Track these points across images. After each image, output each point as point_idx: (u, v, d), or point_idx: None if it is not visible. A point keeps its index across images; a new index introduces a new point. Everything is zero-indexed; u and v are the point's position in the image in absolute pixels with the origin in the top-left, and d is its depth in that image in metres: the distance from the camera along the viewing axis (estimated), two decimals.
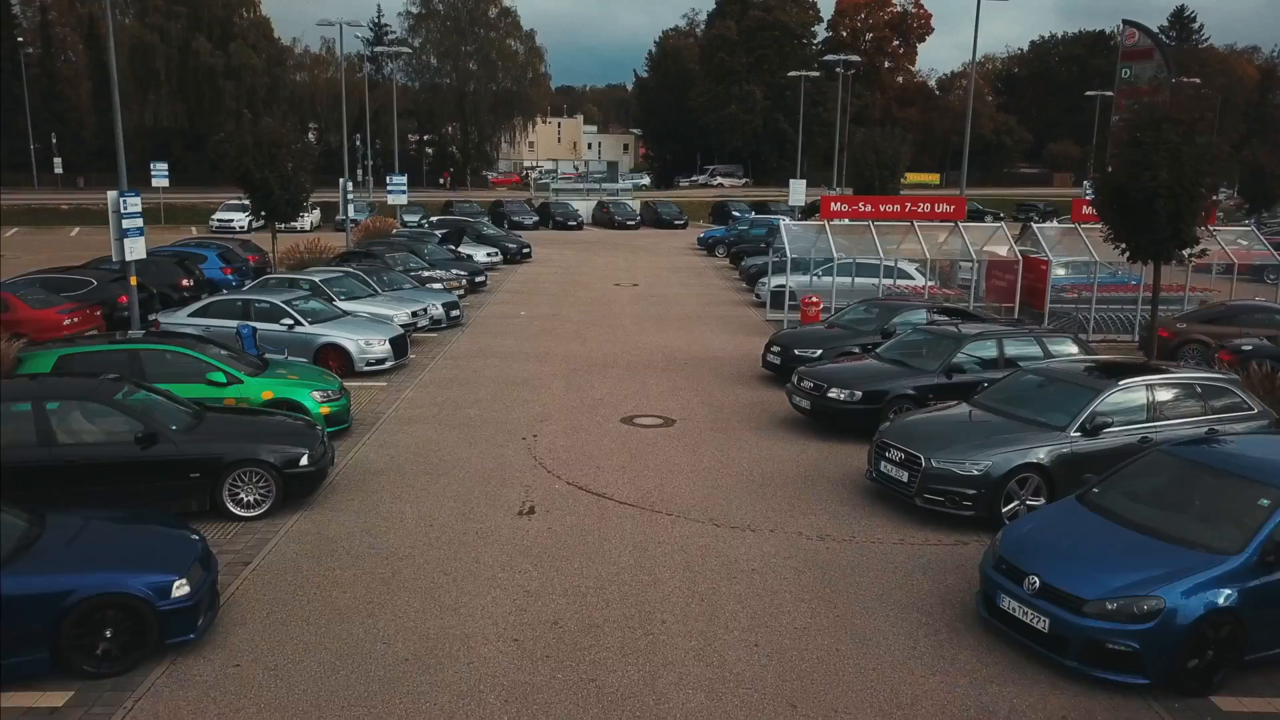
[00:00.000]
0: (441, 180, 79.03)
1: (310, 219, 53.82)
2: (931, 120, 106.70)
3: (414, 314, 21.50)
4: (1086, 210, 24.26)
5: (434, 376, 18.52)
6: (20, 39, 69.80)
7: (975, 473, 10.72)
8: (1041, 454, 10.91)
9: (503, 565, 9.74)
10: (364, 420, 15.20)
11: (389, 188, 43.23)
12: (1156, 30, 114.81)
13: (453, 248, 34.07)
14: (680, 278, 35.49)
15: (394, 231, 38.12)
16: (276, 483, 10.93)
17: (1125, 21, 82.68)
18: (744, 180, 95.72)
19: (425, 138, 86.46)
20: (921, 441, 11.31)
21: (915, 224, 23.78)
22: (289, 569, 9.64)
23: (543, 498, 11.69)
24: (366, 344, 18.23)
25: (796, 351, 17.66)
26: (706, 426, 15.03)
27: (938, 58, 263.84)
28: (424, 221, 47.44)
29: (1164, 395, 11.64)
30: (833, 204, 23.68)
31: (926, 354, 15.14)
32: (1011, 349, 14.98)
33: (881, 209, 23.77)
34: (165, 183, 54.63)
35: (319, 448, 11.47)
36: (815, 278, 26.52)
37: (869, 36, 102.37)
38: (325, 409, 13.85)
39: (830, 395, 14.35)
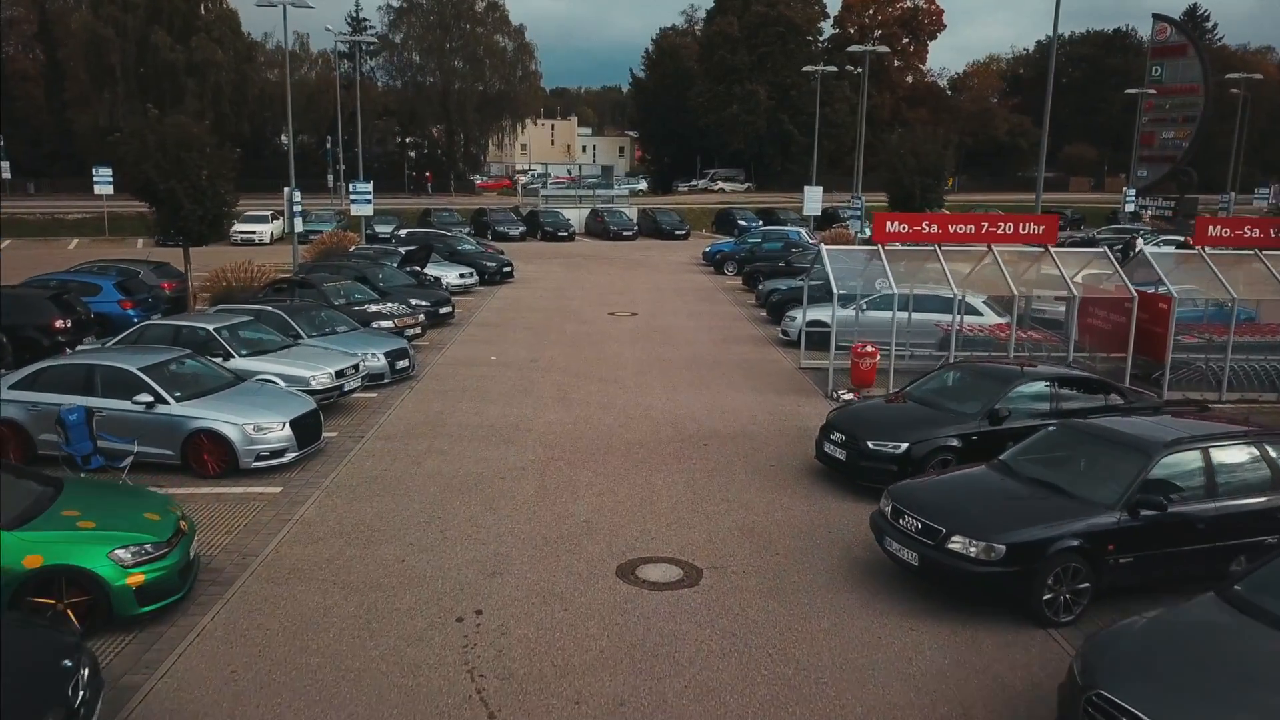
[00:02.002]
0: (426, 182, 73.31)
1: (271, 230, 48.65)
2: (943, 122, 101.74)
3: (340, 373, 16.09)
4: (1215, 232, 19.04)
5: (352, 475, 13.14)
6: None
7: None
8: None
9: None
10: (222, 569, 9.85)
11: (352, 196, 37.88)
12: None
13: (418, 268, 28.71)
14: (687, 303, 30.15)
15: (353, 249, 32.76)
16: None
17: (1156, 16, 77.71)
18: (746, 185, 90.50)
19: (408, 140, 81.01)
20: (1190, 708, 5.97)
21: (994, 249, 18.50)
22: None
23: None
24: (257, 430, 12.85)
25: (870, 445, 12.30)
26: (751, 586, 9.66)
27: (938, 59, 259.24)
28: (393, 234, 42.12)
29: None
30: (889, 223, 18.41)
31: (1088, 469, 9.83)
32: (1220, 458, 9.70)
33: (951, 229, 18.50)
34: (110, 189, 49.23)
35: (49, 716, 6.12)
36: (860, 311, 21.29)
37: (878, 34, 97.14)
38: (135, 577, 8.52)
39: (952, 548, 9.01)
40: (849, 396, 17.60)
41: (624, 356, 21.48)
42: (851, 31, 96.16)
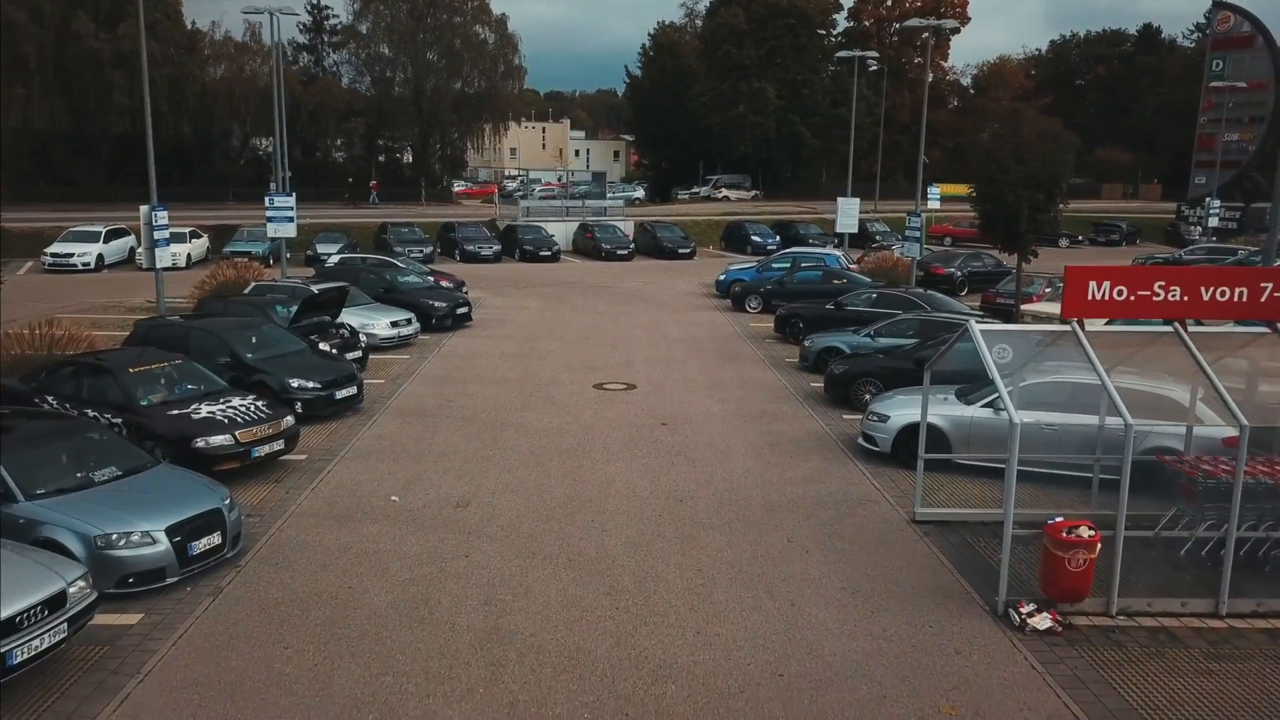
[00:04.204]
0: (371, 191, 64.08)
1: (190, 251, 40.08)
2: (965, 124, 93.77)
3: (13, 623, 7.61)
4: None
5: None
6: None
7: None
8: None
9: None
10: None
11: (268, 212, 29.50)
12: (1193, 28, 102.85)
13: (326, 319, 20.27)
14: (704, 364, 21.72)
15: (253, 284, 24.21)
16: None
17: (1217, 4, 69.48)
18: (753, 192, 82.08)
19: (378, 143, 72.28)
20: None
21: None
22: None
23: None
24: None
25: None
26: None
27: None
28: (328, 258, 33.65)
29: None
30: (1094, 286, 10.01)
31: None
32: None
33: (1207, 295, 10.14)
34: None
35: None
36: (970, 402, 13.11)
37: (896, 26, 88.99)
38: None
39: None
40: (1046, 624, 9.21)
41: (615, 492, 13.00)
42: (868, 24, 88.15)
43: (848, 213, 37.47)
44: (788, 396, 18.75)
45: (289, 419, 13.86)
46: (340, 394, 16.52)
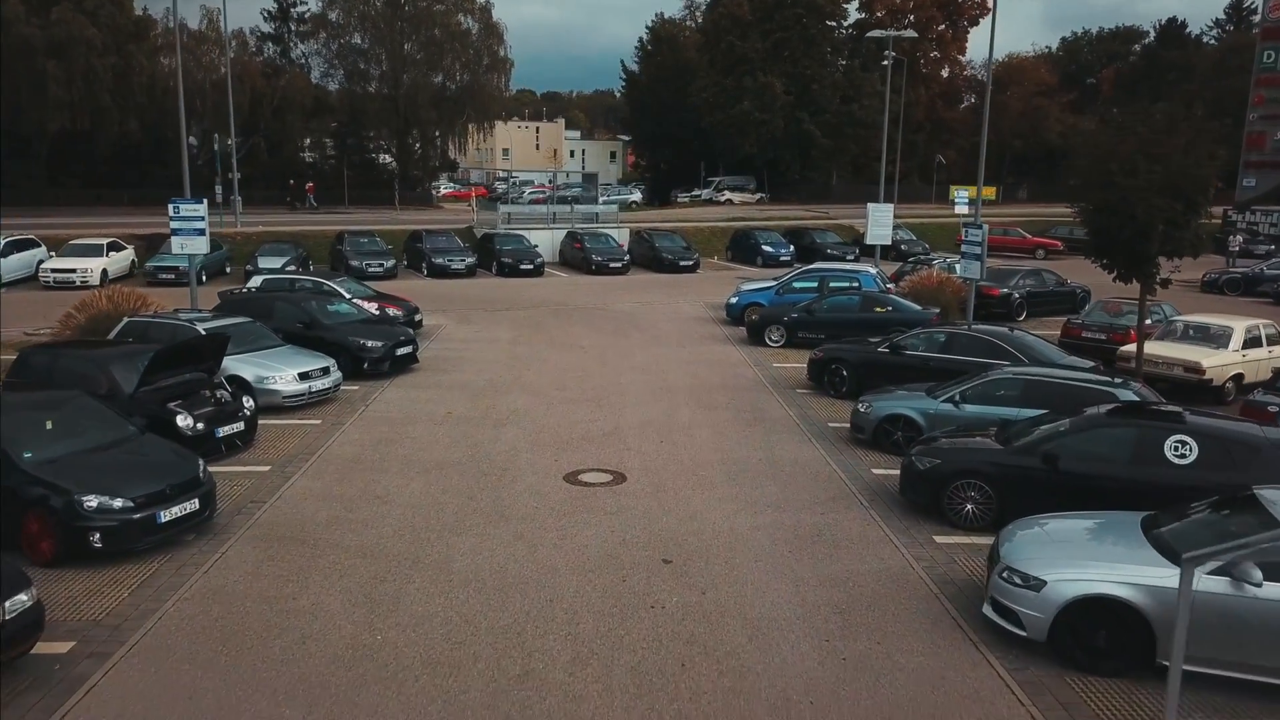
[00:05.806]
0: (307, 195, 57.81)
1: (109, 265, 34.27)
2: (981, 122, 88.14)
3: None
4: None
5: None
6: None
7: None
8: None
9: None
10: None
11: (173, 224, 23.63)
12: (1211, 24, 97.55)
13: (204, 373, 14.50)
14: (717, 433, 15.90)
15: (118, 329, 18.25)
16: None
17: None
18: (758, 195, 76.32)
19: (349, 142, 66.48)
20: None
21: None
22: None
23: None
24: None
25: None
26: None
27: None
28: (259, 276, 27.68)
29: None
30: None
31: None
32: None
33: None
34: None
35: None
36: (1180, 558, 7.41)
37: (910, 19, 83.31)
38: None
39: None
40: None
41: None
42: (880, 15, 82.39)
43: (880, 221, 31.69)
44: (845, 497, 12.93)
45: (21, 597, 8.03)
46: (169, 514, 10.70)
